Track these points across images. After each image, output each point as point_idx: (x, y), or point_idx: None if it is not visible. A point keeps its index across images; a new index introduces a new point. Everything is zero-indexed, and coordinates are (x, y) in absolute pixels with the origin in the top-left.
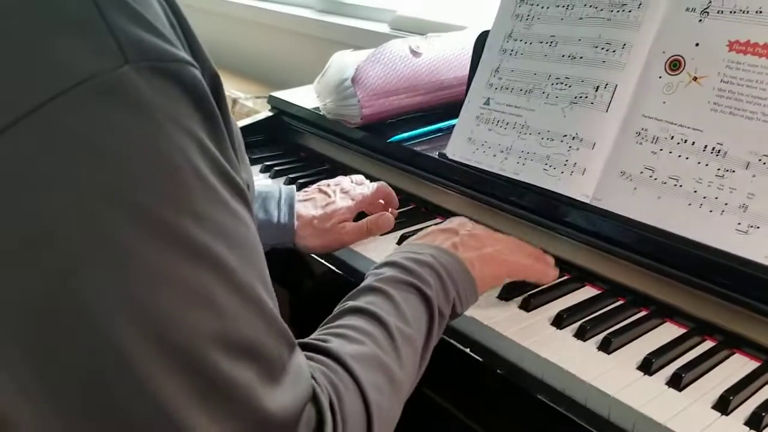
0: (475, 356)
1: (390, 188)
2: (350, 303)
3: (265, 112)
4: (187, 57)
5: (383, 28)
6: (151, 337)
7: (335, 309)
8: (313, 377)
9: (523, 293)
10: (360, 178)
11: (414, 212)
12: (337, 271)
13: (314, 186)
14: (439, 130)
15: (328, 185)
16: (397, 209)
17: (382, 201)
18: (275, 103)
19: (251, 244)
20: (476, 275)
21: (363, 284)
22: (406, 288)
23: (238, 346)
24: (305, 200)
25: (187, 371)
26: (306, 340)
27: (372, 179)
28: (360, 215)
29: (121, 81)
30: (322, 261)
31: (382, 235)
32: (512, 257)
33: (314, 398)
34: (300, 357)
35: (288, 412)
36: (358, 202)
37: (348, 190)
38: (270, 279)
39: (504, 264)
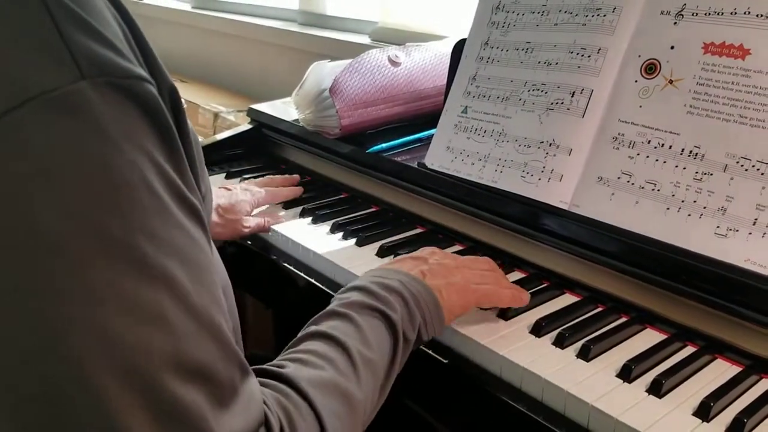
0: (453, 366)
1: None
2: (312, 327)
3: (245, 125)
4: (144, 74)
5: (364, 39)
6: (101, 354)
7: (299, 333)
8: (265, 403)
9: None
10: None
11: (394, 222)
12: (319, 285)
13: (217, 186)
14: (419, 140)
15: (228, 184)
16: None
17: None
18: (254, 116)
19: (205, 266)
20: (444, 303)
21: (327, 309)
22: (370, 312)
23: (188, 368)
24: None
25: (136, 390)
26: (262, 366)
27: (352, 190)
28: None
29: (76, 96)
30: (304, 276)
31: (360, 246)
32: (481, 285)
33: (266, 425)
34: (253, 382)
35: None
36: (257, 199)
37: (247, 187)
38: (225, 302)
39: (472, 292)
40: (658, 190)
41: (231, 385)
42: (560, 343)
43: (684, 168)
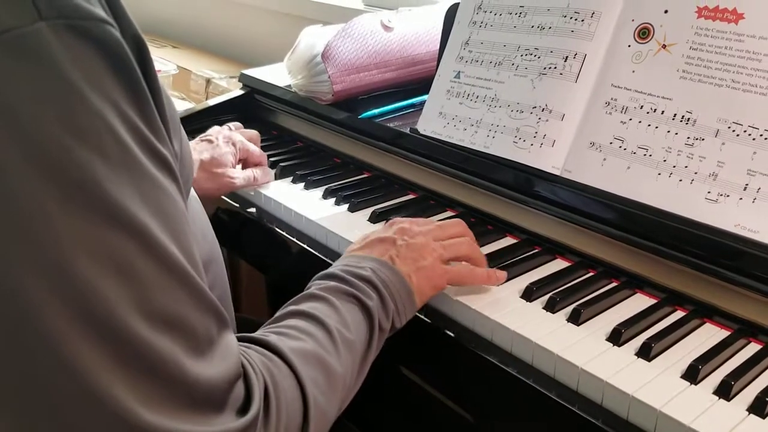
0: (444, 331)
1: (257, 133)
2: (292, 307)
3: (236, 91)
4: (105, 16)
5: (357, 4)
6: (65, 303)
7: (277, 313)
8: (249, 362)
9: (493, 267)
10: (237, 124)
11: (386, 188)
12: (311, 251)
13: (197, 138)
14: (412, 105)
15: (209, 134)
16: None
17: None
18: (247, 81)
19: (175, 217)
20: (414, 288)
21: (305, 292)
22: (347, 298)
23: (159, 317)
24: (193, 148)
25: (105, 339)
26: (246, 334)
27: (344, 156)
28: None
29: (33, 38)
30: (297, 241)
31: (353, 212)
32: (453, 268)
33: (245, 379)
34: (230, 335)
35: (215, 385)
36: (241, 150)
37: (229, 137)
38: (196, 253)
39: (443, 274)
40: (650, 156)
41: (207, 334)
42: (551, 307)
43: (676, 133)
